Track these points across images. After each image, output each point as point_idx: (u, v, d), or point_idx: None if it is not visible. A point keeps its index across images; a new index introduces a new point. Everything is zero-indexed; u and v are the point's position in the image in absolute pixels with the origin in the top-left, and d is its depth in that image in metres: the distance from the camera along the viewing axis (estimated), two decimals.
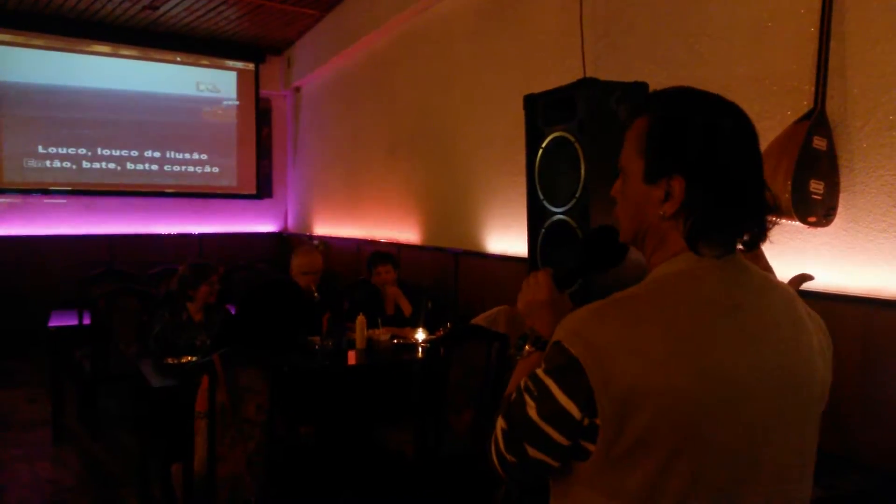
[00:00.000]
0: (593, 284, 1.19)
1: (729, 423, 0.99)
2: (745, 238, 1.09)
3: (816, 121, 2.37)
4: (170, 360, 3.30)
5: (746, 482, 1.01)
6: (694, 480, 0.98)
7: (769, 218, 1.09)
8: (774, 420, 1.03)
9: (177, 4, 6.64)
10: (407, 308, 4.39)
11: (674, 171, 1.05)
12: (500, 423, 1.10)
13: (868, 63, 2.34)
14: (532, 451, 1.04)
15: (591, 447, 1.01)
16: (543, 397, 1.03)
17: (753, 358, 1.02)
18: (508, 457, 1.08)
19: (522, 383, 1.07)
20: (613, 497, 1.00)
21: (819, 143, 2.35)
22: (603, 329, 1.01)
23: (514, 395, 1.09)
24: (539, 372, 1.05)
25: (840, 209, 2.39)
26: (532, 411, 1.03)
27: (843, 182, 2.39)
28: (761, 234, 1.09)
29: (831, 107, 2.41)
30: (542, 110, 3.01)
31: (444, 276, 4.88)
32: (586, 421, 1.00)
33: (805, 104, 2.47)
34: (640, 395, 0.96)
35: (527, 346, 1.25)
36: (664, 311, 1.01)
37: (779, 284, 1.15)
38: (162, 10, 6.79)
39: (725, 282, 1.06)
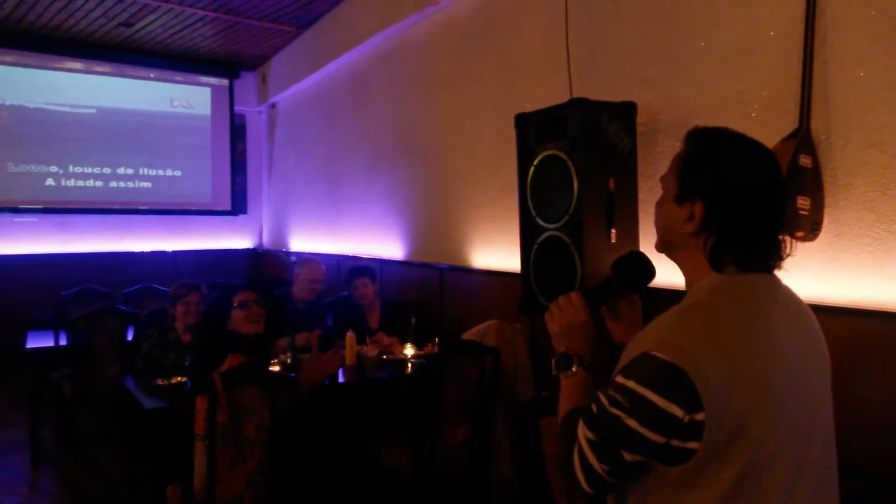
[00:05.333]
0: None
1: (795, 402, 1.16)
2: (768, 261, 1.25)
3: (802, 139, 2.45)
4: (160, 381, 3.27)
5: (806, 460, 1.18)
6: (775, 459, 1.13)
7: (784, 242, 1.26)
8: (817, 404, 1.22)
9: (152, 21, 6.59)
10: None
11: (696, 196, 1.23)
12: (586, 435, 1.20)
13: (850, 83, 2.43)
14: (629, 456, 1.16)
15: (694, 445, 1.12)
16: (640, 406, 1.13)
17: (799, 344, 1.22)
18: (600, 465, 1.19)
19: (604, 399, 1.18)
20: (708, 488, 1.13)
21: (805, 160, 2.44)
22: (688, 334, 1.15)
23: (594, 410, 1.20)
24: (629, 384, 1.15)
25: (825, 224, 2.48)
26: (630, 421, 1.14)
27: (828, 198, 2.48)
28: (777, 256, 1.25)
29: (815, 126, 2.50)
30: (533, 129, 3.07)
31: (430, 291, 4.89)
32: (687, 418, 1.11)
33: (789, 123, 2.56)
34: (734, 385, 1.11)
35: (574, 367, 1.34)
36: (734, 314, 1.18)
37: (804, 305, 1.34)
38: (136, 26, 6.74)
39: (761, 290, 1.23)
